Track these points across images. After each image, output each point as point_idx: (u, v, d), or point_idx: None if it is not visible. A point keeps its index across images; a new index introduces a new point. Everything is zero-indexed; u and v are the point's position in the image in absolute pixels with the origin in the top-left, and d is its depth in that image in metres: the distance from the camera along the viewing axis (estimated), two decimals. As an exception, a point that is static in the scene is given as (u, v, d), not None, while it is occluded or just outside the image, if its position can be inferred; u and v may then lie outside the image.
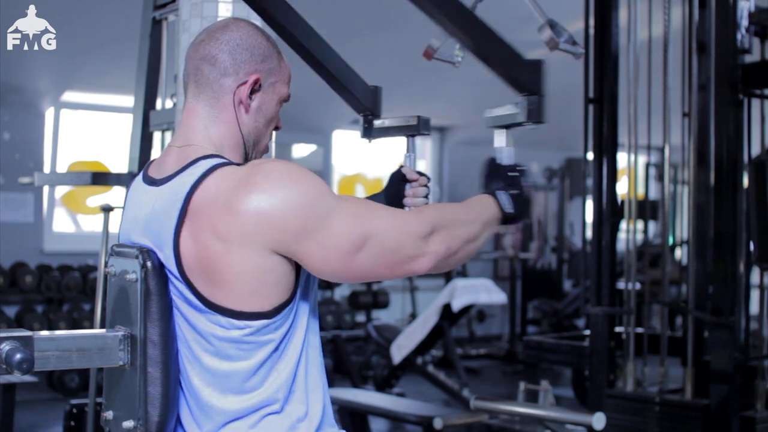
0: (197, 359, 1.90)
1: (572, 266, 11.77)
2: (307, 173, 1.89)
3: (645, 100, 5.40)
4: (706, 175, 5.07)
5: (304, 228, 1.81)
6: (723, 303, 4.66)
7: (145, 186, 2.00)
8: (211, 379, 1.90)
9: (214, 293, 1.84)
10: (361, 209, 1.91)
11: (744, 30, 4.67)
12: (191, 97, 2.02)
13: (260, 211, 1.79)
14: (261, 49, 2.02)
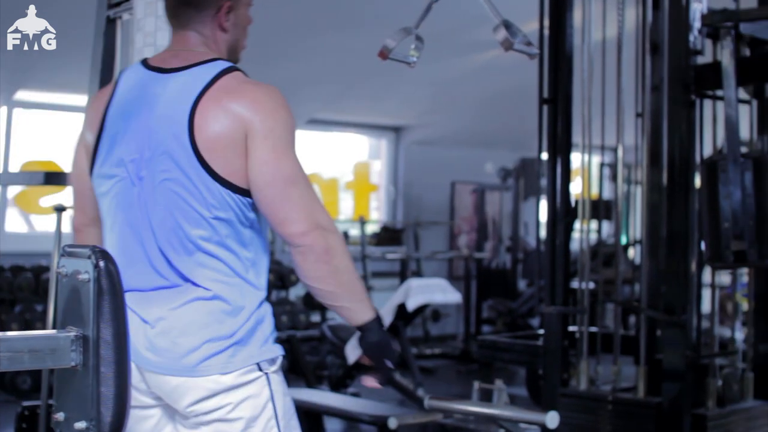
0: (204, 219, 2.28)
1: (527, 266, 11.82)
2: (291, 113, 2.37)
3: (599, 100, 5.43)
4: (658, 175, 5.11)
5: (268, 135, 2.27)
6: (675, 302, 4.70)
7: (152, 73, 2.37)
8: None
9: (215, 163, 2.25)
10: (304, 170, 2.35)
11: (696, 31, 4.71)
12: (178, 28, 2.43)
13: (254, 104, 2.27)
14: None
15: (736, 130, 4.38)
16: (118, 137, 2.38)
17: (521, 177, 12.20)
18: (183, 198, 2.29)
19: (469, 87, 10.83)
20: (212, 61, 2.34)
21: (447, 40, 5.44)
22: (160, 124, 2.30)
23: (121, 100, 2.40)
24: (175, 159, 2.28)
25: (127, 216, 2.37)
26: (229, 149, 2.26)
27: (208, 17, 2.40)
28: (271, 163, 2.27)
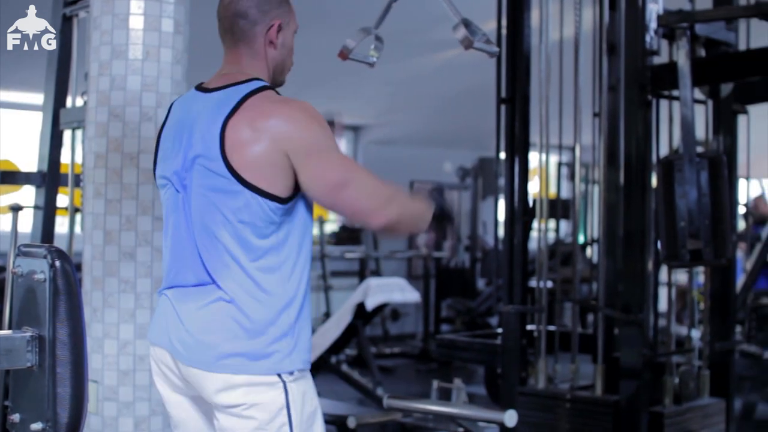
0: (229, 222, 2.46)
1: (485, 265, 11.86)
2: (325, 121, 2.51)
3: (556, 100, 5.46)
4: (616, 174, 5.14)
5: (310, 150, 2.43)
6: (632, 300, 4.73)
7: (198, 93, 2.59)
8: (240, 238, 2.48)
9: (248, 173, 2.42)
10: (353, 163, 2.57)
11: (653, 32, 4.74)
12: (230, 45, 2.62)
13: (287, 123, 2.44)
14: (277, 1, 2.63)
15: (691, 130, 4.42)
16: (167, 150, 2.63)
17: (479, 176, 12.23)
18: (213, 202, 2.48)
19: (428, 86, 10.84)
20: (248, 81, 2.53)
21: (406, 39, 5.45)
22: (197, 139, 2.51)
23: (173, 116, 2.65)
24: (209, 169, 2.47)
25: (175, 220, 2.60)
26: (261, 162, 2.43)
27: (260, 33, 2.60)
28: (319, 177, 2.46)
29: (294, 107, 2.49)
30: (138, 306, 3.89)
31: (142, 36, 3.92)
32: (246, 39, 2.61)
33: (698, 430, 4.97)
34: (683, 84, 4.47)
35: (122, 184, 3.89)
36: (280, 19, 2.63)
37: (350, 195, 2.47)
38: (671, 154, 5.07)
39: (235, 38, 2.62)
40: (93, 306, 3.91)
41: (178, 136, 2.58)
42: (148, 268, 3.91)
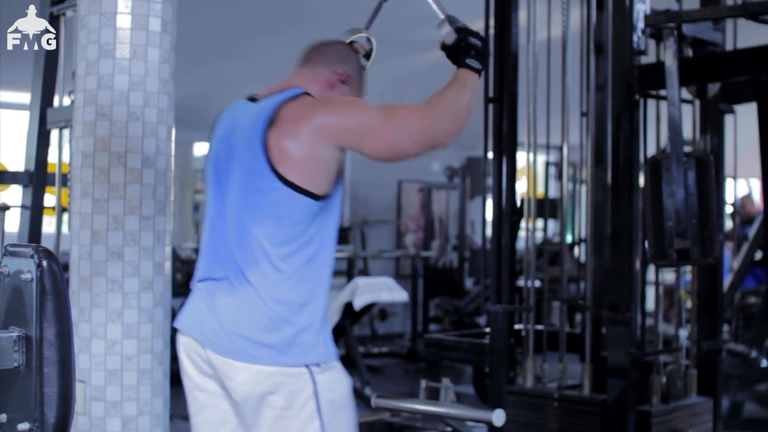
0: (264, 218, 2.61)
1: (473, 264, 11.86)
2: (360, 102, 2.74)
3: (544, 99, 5.47)
4: (603, 174, 5.15)
5: (362, 131, 2.62)
6: (620, 300, 4.74)
7: (247, 103, 2.78)
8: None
9: (282, 170, 2.57)
10: (397, 112, 2.66)
11: (640, 32, 4.75)
12: (300, 67, 2.86)
13: (331, 117, 2.62)
14: (355, 62, 2.90)
15: (679, 130, 4.43)
16: (214, 151, 2.83)
17: (467, 176, 12.23)
18: (250, 199, 2.64)
19: (416, 86, 10.81)
20: (289, 89, 2.73)
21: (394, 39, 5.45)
22: (239, 140, 2.70)
23: (222, 122, 2.85)
24: (249, 167, 2.64)
25: (211, 216, 2.78)
26: (304, 160, 2.58)
27: (327, 72, 2.83)
28: (383, 149, 2.67)
29: (330, 101, 2.70)
30: (125, 306, 3.89)
31: (129, 35, 3.91)
32: (313, 68, 2.84)
33: (686, 429, 4.99)
34: (670, 84, 4.48)
35: (109, 183, 3.89)
36: (350, 74, 2.86)
37: (412, 139, 2.65)
38: (658, 153, 5.09)
39: (305, 63, 2.86)
40: (80, 306, 3.90)
41: (225, 138, 2.77)
42: (135, 267, 3.91)
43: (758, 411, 7.42)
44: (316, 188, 2.60)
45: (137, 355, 3.92)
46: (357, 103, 2.71)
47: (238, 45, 9.74)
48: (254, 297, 2.61)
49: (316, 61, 2.84)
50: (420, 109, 2.69)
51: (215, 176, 2.79)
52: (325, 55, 2.85)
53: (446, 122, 2.69)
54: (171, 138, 4.08)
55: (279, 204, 2.59)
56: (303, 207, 2.60)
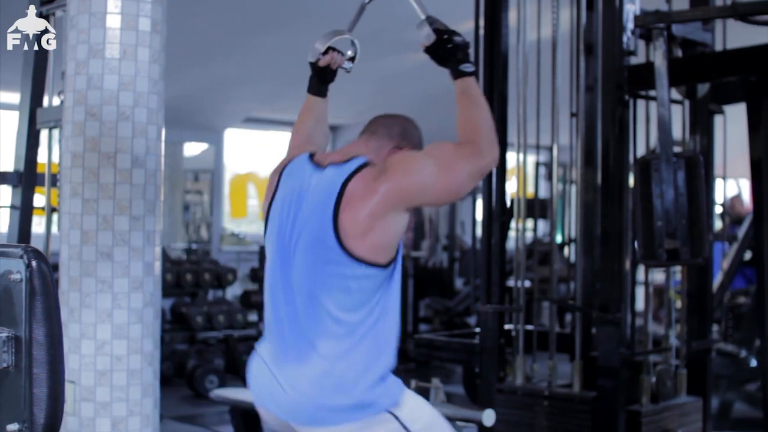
0: (334, 289, 2.68)
1: (463, 265, 11.87)
2: (418, 156, 2.73)
3: (534, 100, 5.47)
4: (593, 174, 5.15)
5: (424, 189, 2.67)
6: (609, 300, 4.75)
7: (313, 168, 2.81)
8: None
9: (350, 246, 2.64)
10: (451, 158, 2.69)
11: (630, 33, 4.76)
12: (365, 138, 2.89)
13: (394, 185, 2.64)
14: (418, 138, 2.93)
15: (668, 130, 4.43)
16: (278, 214, 2.84)
17: (458, 176, 12.21)
18: (320, 271, 2.69)
19: (407, 85, 10.85)
20: (353, 159, 2.74)
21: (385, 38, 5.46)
22: (308, 211, 2.74)
23: (287, 183, 2.87)
24: (318, 240, 2.69)
25: (277, 279, 2.81)
26: (371, 232, 2.65)
27: (389, 144, 2.86)
28: (444, 195, 2.75)
29: (390, 167, 2.69)
30: (115, 306, 3.88)
31: (119, 35, 3.91)
32: (378, 139, 2.87)
33: (675, 428, 5.00)
34: (660, 84, 4.49)
35: (99, 183, 3.88)
36: (412, 149, 2.86)
37: (469, 181, 2.72)
38: (648, 153, 5.09)
39: (370, 134, 2.90)
40: (70, 306, 3.90)
41: (291, 204, 2.81)
42: (125, 267, 3.90)
43: (748, 411, 7.43)
44: (385, 258, 2.69)
45: (127, 356, 3.91)
46: (414, 162, 2.71)
47: (229, 45, 9.73)
48: (326, 364, 2.69)
49: (380, 133, 2.88)
50: (467, 147, 2.73)
51: (279, 241, 2.82)
52: (390, 129, 2.89)
53: (491, 148, 2.74)
54: (161, 138, 4.07)
55: (349, 277, 2.67)
56: (372, 278, 2.69)
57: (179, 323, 9.42)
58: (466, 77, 2.83)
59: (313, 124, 3.24)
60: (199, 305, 9.48)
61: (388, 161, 2.71)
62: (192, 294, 9.87)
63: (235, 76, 10.82)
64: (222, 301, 9.91)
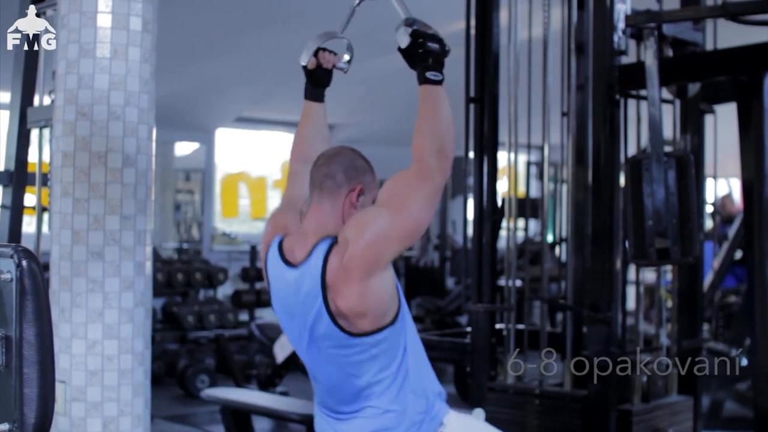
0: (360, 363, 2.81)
1: (454, 264, 11.88)
2: (369, 212, 2.75)
3: (525, 99, 5.47)
4: (584, 173, 5.16)
5: (387, 243, 2.69)
6: (600, 299, 4.75)
7: (285, 267, 2.85)
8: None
9: (358, 326, 2.74)
10: (400, 197, 2.72)
11: (620, 32, 4.76)
12: (317, 198, 2.86)
13: (360, 258, 2.68)
14: (363, 167, 2.88)
15: (659, 130, 4.44)
16: (281, 310, 2.94)
17: (449, 175, 12.22)
18: (339, 356, 2.82)
19: (398, 85, 10.80)
20: (317, 246, 2.77)
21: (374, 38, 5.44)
22: (306, 313, 2.80)
23: (273, 279, 2.92)
24: (324, 333, 2.78)
25: (306, 360, 2.95)
26: (367, 310, 2.73)
27: (343, 194, 2.84)
28: (407, 235, 2.75)
29: (351, 238, 2.70)
30: (106, 306, 3.88)
31: (110, 34, 3.90)
32: (331, 197, 2.85)
33: (666, 427, 5.00)
34: (651, 84, 4.49)
35: (90, 183, 3.88)
36: (363, 185, 2.86)
37: (426, 212, 2.75)
38: (639, 153, 5.10)
39: (323, 194, 2.86)
40: (61, 306, 3.89)
41: (287, 307, 2.89)
42: (116, 267, 3.90)
43: (738, 410, 7.45)
44: (391, 316, 2.80)
45: (118, 356, 3.91)
46: (366, 223, 2.73)
47: (220, 45, 9.72)
48: (375, 415, 2.86)
49: (328, 187, 2.86)
50: (416, 174, 2.75)
51: (294, 338, 2.95)
52: (335, 179, 2.85)
53: (440, 161, 2.75)
54: (152, 137, 4.07)
55: (369, 348, 2.79)
56: (390, 335, 2.80)
57: (170, 323, 9.42)
58: (429, 84, 2.83)
59: (312, 133, 3.23)
60: (190, 305, 9.48)
61: (346, 233, 2.72)
62: (183, 293, 9.88)
63: (227, 75, 10.81)
64: (213, 300, 9.92)
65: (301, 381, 8.23)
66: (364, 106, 11.86)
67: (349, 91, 10.72)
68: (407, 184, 2.74)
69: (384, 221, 2.69)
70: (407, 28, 2.86)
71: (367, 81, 10.07)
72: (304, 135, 3.23)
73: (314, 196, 2.89)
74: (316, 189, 2.89)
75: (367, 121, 12.39)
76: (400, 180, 2.78)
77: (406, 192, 2.73)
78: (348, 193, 2.85)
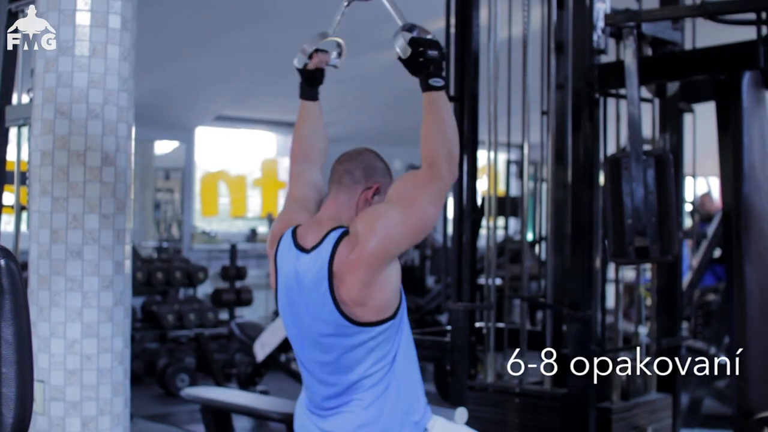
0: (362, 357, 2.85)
1: (435, 263, 11.88)
2: (380, 208, 2.82)
3: (505, 98, 5.48)
4: (563, 172, 5.17)
5: (398, 239, 2.77)
6: (580, 297, 4.76)
7: (296, 251, 2.91)
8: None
9: (359, 315, 2.79)
10: (410, 194, 2.79)
11: (600, 31, 4.77)
12: (334, 191, 2.95)
13: (370, 252, 2.75)
14: (382, 169, 2.99)
15: (638, 129, 4.45)
16: (287, 300, 2.97)
17: (429, 174, 12.22)
18: (339, 346, 2.86)
19: (378, 84, 10.85)
20: (330, 233, 2.84)
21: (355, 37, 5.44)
22: (311, 299, 2.85)
23: (284, 272, 2.96)
24: (328, 320, 2.83)
25: (301, 355, 3.00)
26: (371, 300, 2.79)
27: (360, 190, 2.93)
28: (412, 233, 2.83)
29: (363, 231, 2.77)
30: (85, 305, 3.86)
31: (88, 32, 3.89)
32: (348, 191, 2.94)
33: (645, 425, 5.02)
34: (630, 83, 4.51)
35: (69, 182, 3.86)
36: (380, 185, 2.95)
37: (437, 207, 2.82)
38: (618, 152, 5.11)
39: (337, 187, 2.96)
40: (39, 305, 3.88)
41: (294, 294, 2.93)
42: (95, 266, 3.89)
43: (717, 407, 7.49)
44: (392, 310, 2.85)
45: (97, 355, 3.89)
46: (378, 218, 2.79)
47: (200, 43, 9.70)
48: (365, 410, 2.89)
49: (345, 182, 2.95)
50: (425, 174, 2.82)
51: (298, 329, 2.97)
52: (352, 174, 2.95)
53: (449, 165, 2.82)
54: (131, 136, 4.06)
55: (368, 340, 2.84)
56: (388, 329, 2.85)
57: (150, 322, 9.40)
58: (433, 91, 2.86)
59: (310, 132, 3.36)
60: (170, 304, 9.46)
61: (357, 226, 2.79)
62: (163, 292, 9.85)
63: (206, 74, 10.79)
64: (193, 299, 9.90)
65: (282, 380, 8.24)
66: (342, 105, 11.85)
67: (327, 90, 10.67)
68: (417, 183, 2.82)
69: (394, 217, 2.76)
70: (405, 34, 2.87)
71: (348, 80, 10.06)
72: (302, 135, 3.33)
73: (332, 189, 2.99)
74: (334, 183, 2.98)
75: (346, 120, 12.37)
76: (410, 179, 2.85)
77: (416, 191, 2.79)
78: (364, 190, 2.94)
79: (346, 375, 2.89)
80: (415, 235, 2.84)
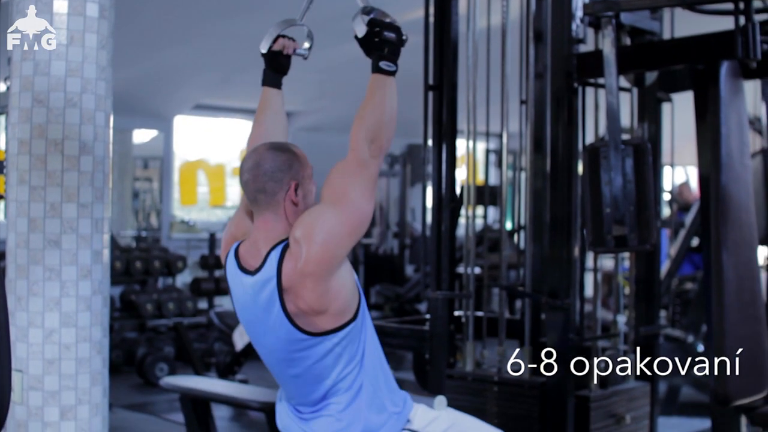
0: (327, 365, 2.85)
1: (414, 251, 11.90)
2: (315, 212, 2.77)
3: (484, 87, 5.48)
4: (542, 161, 5.18)
5: (338, 240, 2.74)
6: (559, 286, 4.78)
7: (242, 274, 2.88)
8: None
9: (319, 325, 2.78)
10: (338, 189, 2.77)
11: (579, 20, 4.78)
12: (260, 211, 2.87)
13: (313, 261, 2.72)
14: (286, 162, 2.86)
15: (617, 118, 4.46)
16: (243, 317, 2.98)
17: (408, 163, 12.26)
18: (306, 359, 2.86)
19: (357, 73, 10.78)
20: (270, 253, 2.80)
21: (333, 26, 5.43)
22: (265, 320, 2.85)
23: (233, 286, 2.96)
24: (288, 338, 2.84)
25: (272, 366, 3.03)
26: (327, 309, 2.78)
27: (281, 199, 2.84)
28: (355, 225, 2.81)
29: (301, 240, 2.74)
30: (63, 294, 3.85)
31: (66, 20, 3.87)
32: (270, 207, 2.85)
33: (624, 413, 5.04)
34: (608, 72, 4.51)
35: (46, 170, 3.85)
36: (295, 179, 2.86)
37: (369, 196, 2.81)
38: (597, 141, 5.12)
39: (261, 208, 2.87)
40: (17, 294, 3.86)
41: (248, 314, 2.93)
42: (73, 255, 3.87)
43: (695, 395, 7.53)
44: (352, 312, 2.84)
45: (75, 344, 3.88)
46: (314, 224, 2.75)
47: (178, 32, 9.67)
48: (337, 412, 2.89)
49: (265, 202, 2.87)
50: (349, 163, 2.80)
51: (259, 346, 3.01)
52: (266, 191, 2.85)
53: (371, 150, 2.81)
54: (109, 125, 4.04)
55: (334, 347, 2.83)
56: (351, 332, 2.84)
57: (129, 311, 9.38)
58: (381, 74, 2.86)
59: (271, 118, 3.24)
60: (149, 293, 9.45)
61: (296, 233, 2.75)
62: (141, 282, 9.84)
63: (185, 63, 10.76)
64: (172, 288, 9.88)
65: (261, 369, 8.19)
66: (322, 94, 11.84)
67: (307, 78, 10.70)
68: (344, 173, 2.79)
69: (331, 219, 2.73)
70: (364, 17, 2.87)
71: (326, 69, 10.05)
72: (262, 122, 3.22)
73: (255, 211, 2.91)
74: (254, 205, 2.90)
75: (325, 109, 12.37)
76: (338, 172, 2.82)
77: (343, 184, 2.77)
78: (285, 196, 2.86)
79: (319, 384, 2.88)
80: (355, 232, 2.80)
